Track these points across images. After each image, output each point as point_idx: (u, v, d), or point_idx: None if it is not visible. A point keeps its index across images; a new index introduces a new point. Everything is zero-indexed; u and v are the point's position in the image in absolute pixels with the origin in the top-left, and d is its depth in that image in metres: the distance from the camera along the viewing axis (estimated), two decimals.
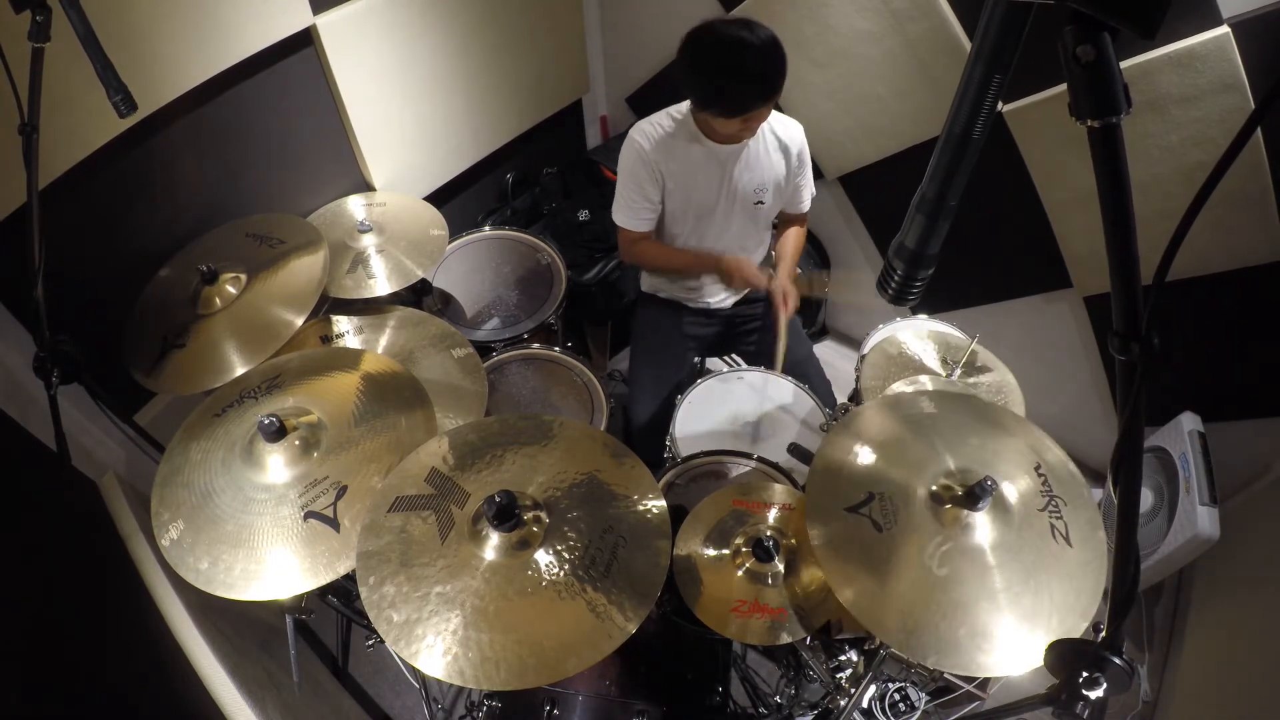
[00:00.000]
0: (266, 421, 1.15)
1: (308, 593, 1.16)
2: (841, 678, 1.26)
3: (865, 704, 1.21)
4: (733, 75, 1.46)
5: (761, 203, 1.76)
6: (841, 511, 1.11)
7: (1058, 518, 1.10)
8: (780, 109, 1.80)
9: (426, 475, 1.16)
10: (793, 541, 1.27)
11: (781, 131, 1.73)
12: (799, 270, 1.94)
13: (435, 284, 2.02)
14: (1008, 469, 1.16)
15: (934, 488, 1.13)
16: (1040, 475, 1.15)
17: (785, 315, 1.77)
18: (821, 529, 1.09)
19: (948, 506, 1.10)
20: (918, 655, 1.00)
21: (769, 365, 1.82)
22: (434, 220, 1.95)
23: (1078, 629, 1.01)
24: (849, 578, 1.05)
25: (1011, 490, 1.13)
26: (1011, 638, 1.00)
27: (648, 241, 1.81)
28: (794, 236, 1.91)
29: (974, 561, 1.06)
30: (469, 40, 2.15)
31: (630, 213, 1.75)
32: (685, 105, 1.68)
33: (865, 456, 1.19)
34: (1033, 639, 0.99)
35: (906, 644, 1.00)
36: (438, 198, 2.28)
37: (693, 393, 1.77)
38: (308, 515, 1.12)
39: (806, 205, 1.89)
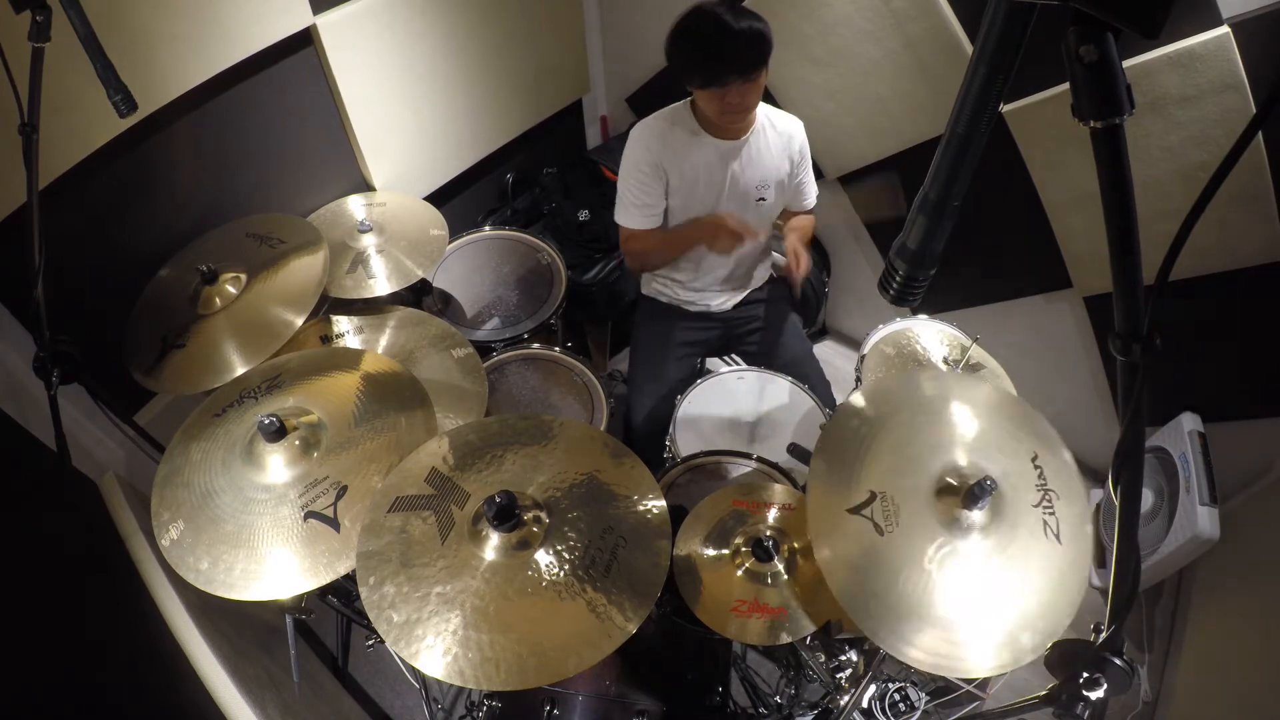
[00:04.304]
0: (266, 421, 1.15)
1: (308, 593, 1.16)
2: (841, 678, 1.26)
3: (865, 704, 1.21)
4: (707, 41, 1.47)
5: (764, 199, 1.76)
6: (844, 513, 1.10)
7: (1050, 513, 1.10)
8: (780, 108, 1.79)
9: (426, 475, 1.16)
10: (793, 542, 1.27)
11: (782, 127, 1.73)
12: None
13: (435, 284, 2.02)
14: (1005, 460, 1.15)
15: (935, 486, 1.12)
16: (1037, 467, 1.15)
17: (799, 274, 1.79)
18: (824, 536, 1.08)
19: (948, 505, 1.09)
20: (915, 660, 0.99)
21: (768, 364, 1.82)
22: (434, 220, 1.95)
23: (1061, 627, 1.00)
24: (852, 584, 1.05)
25: (1009, 487, 1.12)
26: (1003, 637, 1.00)
27: (645, 234, 1.77)
28: (804, 218, 1.91)
29: (971, 562, 1.05)
30: (469, 40, 2.15)
31: (633, 211, 1.73)
32: (686, 103, 1.68)
33: (865, 453, 1.17)
34: (1021, 638, 0.99)
35: (903, 650, 0.99)
36: (438, 198, 2.28)
37: (693, 393, 1.77)
38: (308, 515, 1.12)
39: (810, 202, 1.89)
